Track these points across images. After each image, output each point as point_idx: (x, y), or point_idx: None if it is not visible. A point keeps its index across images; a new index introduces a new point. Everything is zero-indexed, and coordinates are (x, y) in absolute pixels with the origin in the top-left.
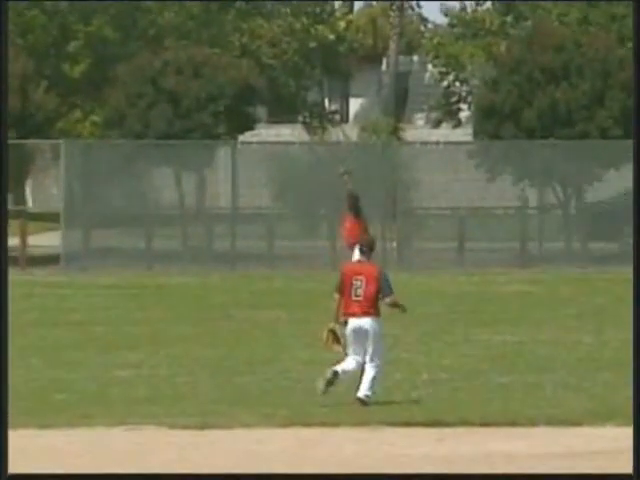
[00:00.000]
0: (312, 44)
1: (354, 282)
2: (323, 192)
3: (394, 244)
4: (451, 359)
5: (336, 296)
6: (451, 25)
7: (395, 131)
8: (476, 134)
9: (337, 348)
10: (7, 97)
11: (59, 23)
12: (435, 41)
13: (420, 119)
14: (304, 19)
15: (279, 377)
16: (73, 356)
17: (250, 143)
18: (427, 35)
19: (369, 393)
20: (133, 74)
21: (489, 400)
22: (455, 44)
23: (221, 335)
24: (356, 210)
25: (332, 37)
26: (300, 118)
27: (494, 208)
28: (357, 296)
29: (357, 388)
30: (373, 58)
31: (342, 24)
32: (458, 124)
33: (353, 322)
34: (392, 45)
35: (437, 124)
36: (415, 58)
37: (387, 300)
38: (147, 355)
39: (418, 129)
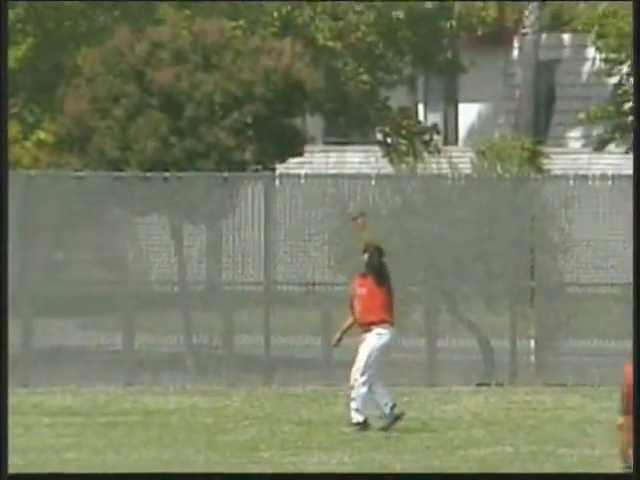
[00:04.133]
0: (397, 15)
1: None
2: (415, 256)
3: (531, 343)
4: None
5: (620, 421)
6: None
7: (534, 157)
8: None
9: None
10: (7, 97)
11: None
12: (600, 11)
13: (574, 138)
14: None
15: None
16: None
17: (296, 176)
18: (585, 3)
19: None
20: (104, 63)
21: None
22: (631, 17)
23: None
24: (379, 271)
25: (430, 6)
26: (378, 136)
27: None
28: None
29: None
30: (498, 40)
31: None
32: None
33: None
34: (528, 19)
35: (602, 146)
36: (566, 38)
37: None
38: None
39: (571, 154)
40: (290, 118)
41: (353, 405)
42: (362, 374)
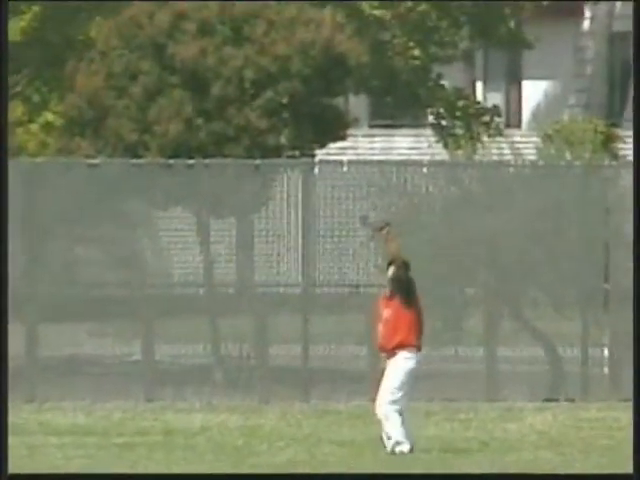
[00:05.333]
0: None
1: None
2: (474, 254)
3: (604, 352)
4: None
5: None
6: None
7: (608, 142)
8: None
9: None
10: (7, 97)
11: None
12: None
13: None
14: None
15: None
16: None
17: (338, 163)
18: None
19: None
20: (120, 36)
21: None
22: None
23: None
24: (405, 288)
25: None
26: (430, 118)
27: None
28: None
29: None
30: (567, 9)
31: None
32: None
33: None
34: None
35: None
36: None
37: None
38: None
39: None
40: (331, 97)
41: (392, 439)
42: (391, 403)
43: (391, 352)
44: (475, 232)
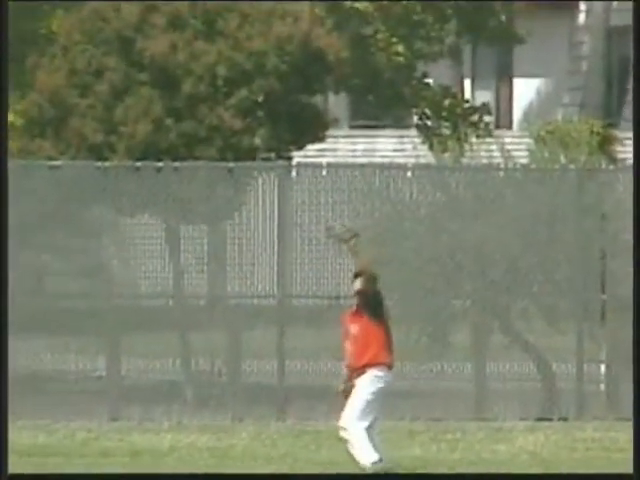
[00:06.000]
0: None
1: None
2: (462, 263)
3: (601, 367)
4: None
5: None
6: None
7: (604, 143)
8: None
9: None
10: (7, 97)
11: None
12: None
13: None
14: None
15: None
16: None
17: (317, 166)
18: None
19: None
20: (83, 30)
21: None
22: None
23: None
24: (373, 302)
25: None
26: (415, 118)
27: None
28: None
29: None
30: (561, 3)
31: None
32: None
33: None
34: None
35: None
36: None
37: None
38: None
39: None
40: (309, 96)
41: (359, 454)
42: (358, 420)
43: (361, 370)
44: (463, 240)
